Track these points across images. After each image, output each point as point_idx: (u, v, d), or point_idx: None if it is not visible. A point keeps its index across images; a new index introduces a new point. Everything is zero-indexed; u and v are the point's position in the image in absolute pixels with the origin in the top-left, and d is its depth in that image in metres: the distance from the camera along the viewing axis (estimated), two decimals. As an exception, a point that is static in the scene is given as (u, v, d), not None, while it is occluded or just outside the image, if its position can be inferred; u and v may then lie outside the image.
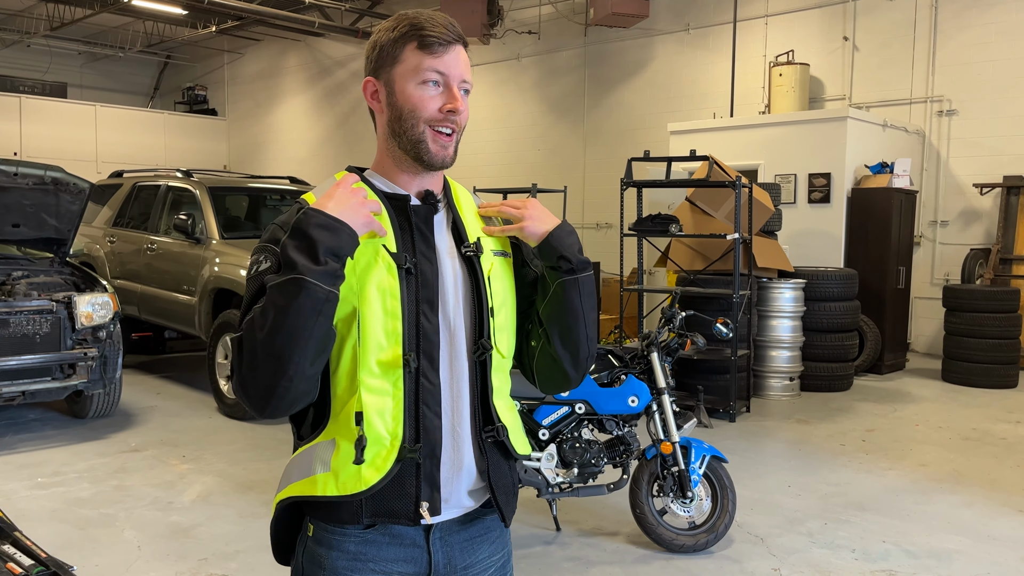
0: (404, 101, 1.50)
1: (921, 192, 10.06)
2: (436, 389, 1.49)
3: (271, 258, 1.44)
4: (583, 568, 3.89)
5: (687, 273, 7.61)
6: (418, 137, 1.49)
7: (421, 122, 1.49)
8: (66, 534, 4.23)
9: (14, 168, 5.95)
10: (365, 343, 1.45)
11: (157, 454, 5.66)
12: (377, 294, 1.45)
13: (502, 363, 1.58)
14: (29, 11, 16.52)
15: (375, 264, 1.46)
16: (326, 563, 1.51)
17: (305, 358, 1.35)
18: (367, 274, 1.45)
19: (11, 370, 5.63)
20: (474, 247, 1.55)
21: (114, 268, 8.31)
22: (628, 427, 4.12)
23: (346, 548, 1.50)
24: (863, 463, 5.62)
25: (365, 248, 1.46)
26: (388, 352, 1.45)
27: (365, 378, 1.45)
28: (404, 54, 1.50)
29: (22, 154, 16.22)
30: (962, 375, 8.27)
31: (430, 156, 1.50)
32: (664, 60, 12.50)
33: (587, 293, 1.57)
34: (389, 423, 1.45)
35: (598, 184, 13.22)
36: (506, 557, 1.66)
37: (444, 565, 1.54)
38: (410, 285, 1.48)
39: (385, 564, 1.51)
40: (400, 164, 1.54)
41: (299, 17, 14.90)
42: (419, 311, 1.48)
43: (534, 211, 1.57)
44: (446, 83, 1.49)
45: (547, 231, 1.55)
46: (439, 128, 1.49)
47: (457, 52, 1.51)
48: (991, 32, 9.70)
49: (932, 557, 4.06)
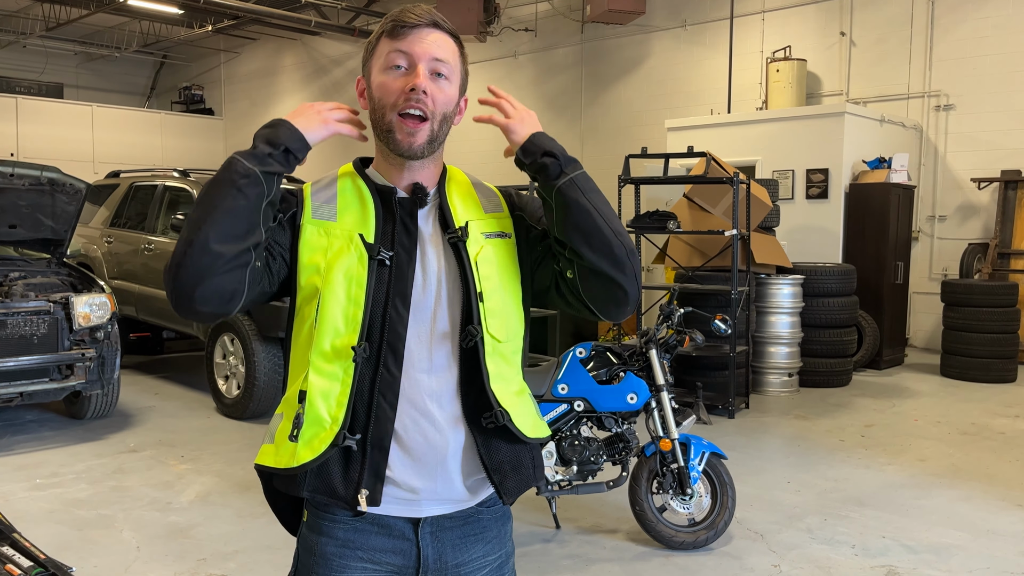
0: (375, 91, 1.51)
1: (919, 187, 10.06)
2: (395, 381, 1.47)
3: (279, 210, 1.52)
4: (583, 566, 3.89)
5: (685, 270, 7.61)
6: (387, 127, 1.49)
7: (388, 110, 1.48)
8: (64, 535, 4.22)
9: (10, 169, 5.93)
10: (322, 325, 1.46)
11: (155, 454, 5.66)
12: (343, 280, 1.46)
13: (498, 347, 1.52)
14: (24, 11, 16.49)
15: (347, 251, 1.47)
16: (316, 549, 1.53)
17: (212, 229, 1.36)
18: (337, 259, 1.47)
19: (8, 371, 5.61)
20: (459, 232, 1.52)
21: (111, 268, 8.29)
22: (627, 424, 4.11)
23: (335, 535, 1.51)
24: (862, 458, 5.62)
25: (340, 234, 1.49)
26: (344, 338, 1.45)
27: (316, 359, 1.46)
28: (378, 46, 1.51)
29: (18, 155, 16.20)
30: (961, 370, 8.28)
31: (396, 144, 1.49)
32: (661, 57, 12.50)
33: (589, 189, 1.51)
34: (332, 406, 1.45)
35: (596, 181, 13.07)
36: (504, 558, 1.62)
37: (434, 560, 1.53)
38: (381, 277, 1.47)
39: (373, 553, 1.51)
40: (387, 157, 1.55)
41: (295, 16, 14.88)
42: (388, 302, 1.47)
43: (524, 114, 1.54)
44: (410, 63, 1.47)
45: (530, 132, 1.52)
46: (405, 112, 1.46)
47: (425, 32, 1.48)
48: (987, 26, 9.70)
49: (931, 552, 4.06)
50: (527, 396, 1.61)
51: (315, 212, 1.52)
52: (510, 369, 1.56)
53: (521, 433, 1.53)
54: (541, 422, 1.63)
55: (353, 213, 1.52)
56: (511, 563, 1.66)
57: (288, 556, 3.96)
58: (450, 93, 1.51)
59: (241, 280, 1.40)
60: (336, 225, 1.50)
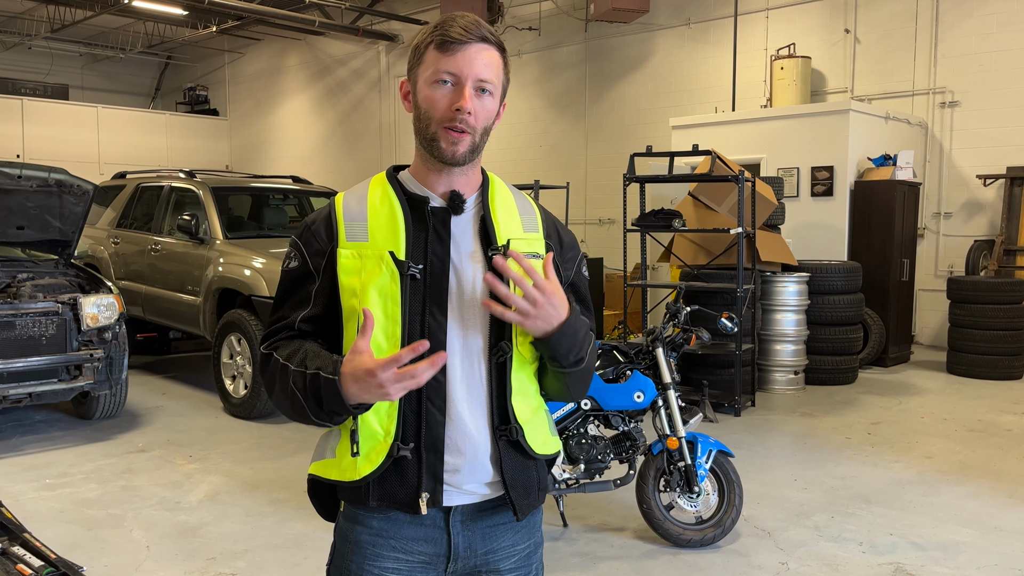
0: (421, 101, 1.55)
1: (924, 184, 10.04)
2: (441, 386, 1.52)
3: (299, 257, 1.61)
4: (590, 563, 3.90)
5: (691, 268, 7.61)
6: (431, 136, 1.54)
7: (434, 122, 1.53)
8: (74, 535, 4.24)
9: (18, 170, 5.96)
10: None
11: (164, 454, 5.68)
12: (378, 299, 1.51)
13: (524, 365, 1.59)
14: (30, 13, 16.53)
15: (379, 271, 1.52)
16: (351, 537, 1.60)
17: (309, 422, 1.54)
18: (371, 279, 1.52)
19: (17, 372, 5.64)
20: (502, 250, 1.55)
21: (118, 269, 8.32)
22: (634, 423, 4.12)
23: (370, 524, 1.59)
24: (869, 456, 5.62)
25: (372, 255, 1.54)
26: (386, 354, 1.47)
27: None
28: (426, 55, 1.55)
29: (25, 156, 16.24)
30: (967, 367, 8.26)
31: (440, 152, 1.53)
32: (665, 55, 12.49)
33: (577, 379, 1.59)
34: (384, 419, 1.52)
35: (600, 179, 13.21)
36: (532, 548, 1.68)
37: (464, 548, 1.59)
38: (415, 289, 1.52)
39: (405, 543, 1.57)
40: (427, 162, 1.59)
41: (299, 16, 14.90)
42: (425, 312, 1.52)
43: (543, 310, 1.45)
44: (457, 82, 1.51)
45: (548, 333, 1.48)
46: (449, 126, 1.51)
47: (474, 51, 1.51)
48: (993, 22, 9.67)
49: (939, 549, 4.06)
50: (543, 413, 1.68)
51: (349, 235, 1.57)
52: (531, 386, 1.63)
53: (531, 449, 1.60)
54: (553, 439, 1.69)
55: (383, 229, 1.55)
56: (539, 553, 1.71)
57: (296, 555, 4.00)
58: (491, 108, 1.56)
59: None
60: (368, 245, 1.55)
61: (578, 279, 1.69)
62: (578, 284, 1.69)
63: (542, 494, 1.68)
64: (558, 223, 1.71)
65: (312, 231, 1.60)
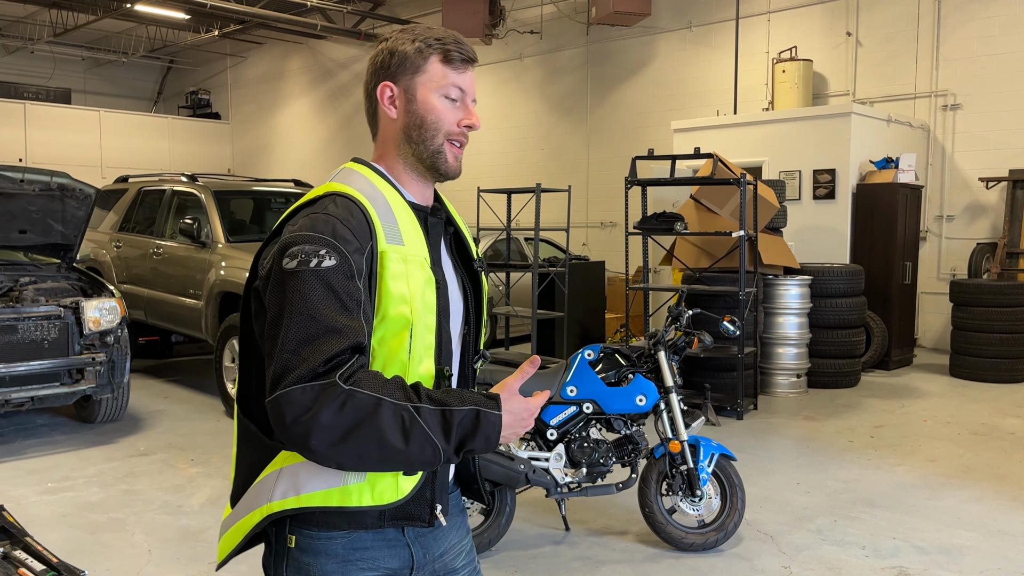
0: (427, 111, 1.53)
1: (926, 187, 10.03)
2: None
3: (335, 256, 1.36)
4: (593, 567, 3.89)
5: (693, 271, 7.61)
6: (437, 148, 1.54)
7: (441, 134, 1.54)
8: (76, 539, 4.24)
9: (20, 174, 5.97)
10: (414, 356, 1.47)
11: (166, 458, 5.68)
12: (423, 309, 1.47)
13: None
14: (32, 17, 16.58)
15: (424, 279, 1.48)
16: (314, 570, 1.49)
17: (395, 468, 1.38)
18: (419, 287, 1.46)
19: (20, 376, 5.64)
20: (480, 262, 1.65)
21: (120, 273, 8.33)
22: (636, 426, 4.11)
23: (334, 552, 1.49)
24: (872, 459, 5.60)
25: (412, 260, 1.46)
26: (424, 365, 1.49)
27: None
28: (428, 65, 1.53)
29: (27, 160, 16.28)
30: (970, 370, 8.25)
31: (447, 167, 1.55)
32: (667, 58, 12.49)
33: None
34: None
35: (602, 183, 13.21)
36: (470, 543, 1.74)
37: (422, 555, 1.59)
38: (441, 298, 1.53)
39: (373, 562, 1.52)
40: (412, 171, 1.56)
41: (301, 20, 14.92)
42: (441, 322, 1.52)
43: None
44: (463, 99, 1.56)
45: None
46: (455, 140, 1.55)
47: (472, 73, 1.59)
48: (995, 25, 9.67)
49: (942, 553, 4.05)
50: None
51: (388, 236, 1.45)
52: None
53: None
54: None
55: (411, 235, 1.49)
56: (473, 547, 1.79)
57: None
58: None
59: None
60: (405, 249, 1.46)
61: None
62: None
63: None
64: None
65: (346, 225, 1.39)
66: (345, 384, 1.29)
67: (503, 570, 3.85)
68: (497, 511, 3.98)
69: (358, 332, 1.34)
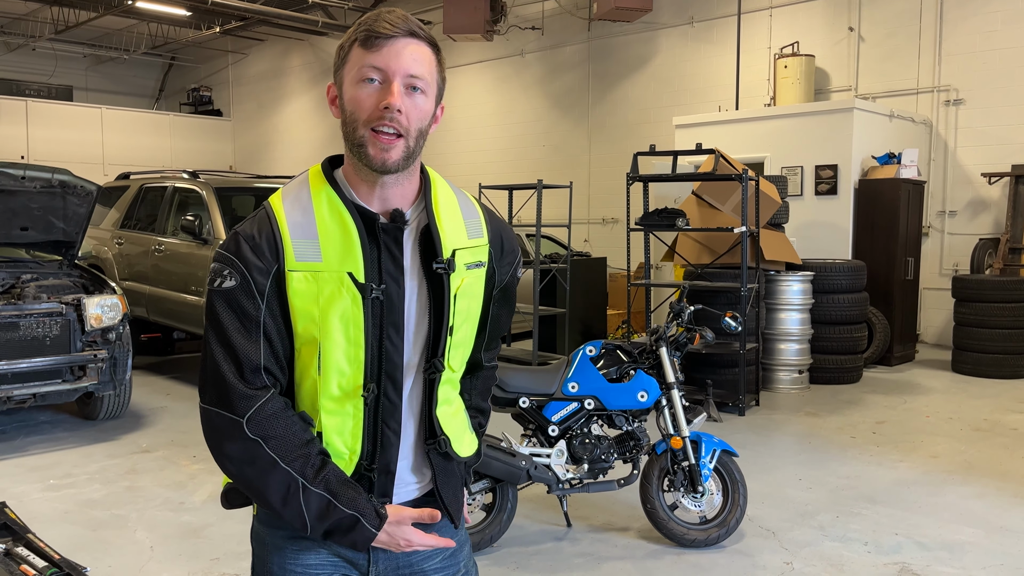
0: (348, 103, 1.41)
1: (929, 182, 10.01)
2: (396, 408, 1.50)
3: (236, 275, 1.39)
4: (594, 564, 3.89)
5: (694, 267, 7.60)
6: (359, 140, 1.40)
7: (360, 124, 1.39)
8: (78, 536, 4.24)
9: (21, 171, 5.97)
10: (326, 372, 1.44)
11: (167, 455, 5.68)
12: (340, 324, 1.41)
13: (451, 376, 1.57)
14: (34, 15, 16.57)
15: (339, 295, 1.41)
16: (268, 540, 1.55)
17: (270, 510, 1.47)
18: (330, 305, 1.41)
19: (22, 373, 5.65)
20: (446, 264, 1.46)
21: (122, 270, 8.33)
22: (638, 422, 4.11)
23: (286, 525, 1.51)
24: (873, 455, 5.60)
25: (329, 278, 1.41)
26: (349, 378, 1.46)
27: (325, 403, 1.47)
28: (351, 54, 1.42)
29: (29, 157, 16.29)
30: (972, 366, 8.24)
31: (369, 159, 1.40)
32: (668, 54, 12.47)
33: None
34: (348, 439, 1.49)
35: (603, 179, 13.20)
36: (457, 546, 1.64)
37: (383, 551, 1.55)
38: (375, 312, 1.43)
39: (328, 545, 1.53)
40: (359, 172, 1.45)
41: (302, 16, 14.91)
42: (383, 336, 1.45)
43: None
44: (385, 78, 1.38)
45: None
46: (379, 128, 1.38)
47: (401, 45, 1.38)
48: (997, 20, 9.65)
49: (944, 549, 4.05)
50: (462, 413, 1.66)
51: (298, 254, 1.40)
52: (453, 392, 1.61)
53: (457, 455, 1.59)
54: (471, 436, 1.67)
55: (336, 247, 1.41)
56: (467, 550, 1.68)
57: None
58: (426, 108, 1.43)
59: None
60: (322, 266, 1.41)
61: (511, 281, 1.65)
62: (509, 286, 1.65)
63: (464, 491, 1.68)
64: (502, 226, 1.62)
65: (252, 246, 1.40)
66: (250, 431, 1.40)
67: (505, 566, 3.85)
68: (499, 507, 3.98)
69: (253, 354, 1.40)
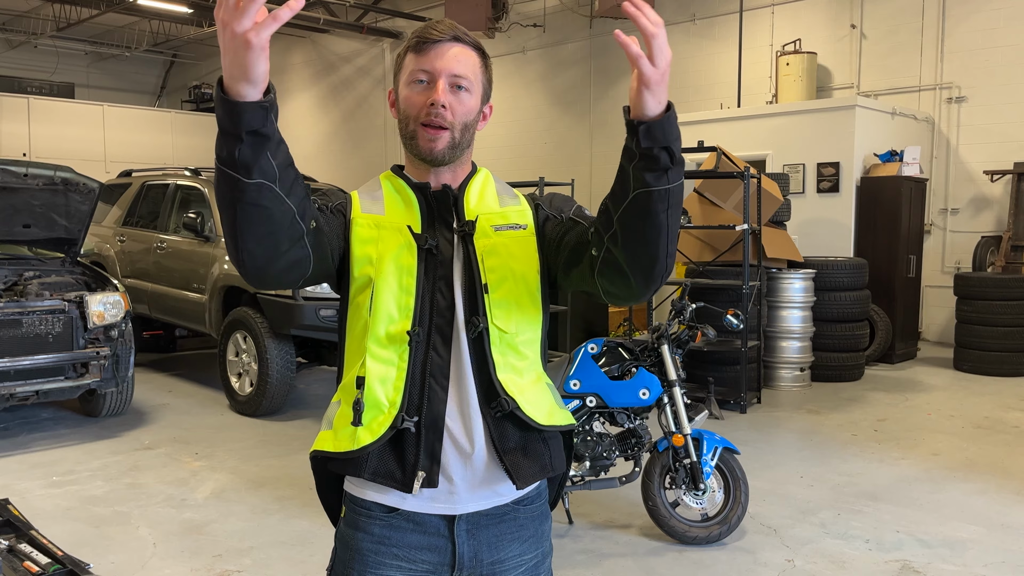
0: (402, 102, 1.58)
1: (931, 180, 10.00)
2: (445, 363, 1.52)
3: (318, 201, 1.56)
4: (596, 560, 3.90)
5: (696, 264, 7.59)
6: (411, 134, 1.56)
7: (412, 121, 1.55)
8: (81, 532, 4.25)
9: (24, 169, 5.97)
10: (376, 313, 1.51)
11: (170, 452, 5.69)
12: (395, 269, 1.52)
13: (505, 337, 1.54)
14: (35, 12, 16.57)
15: (397, 242, 1.54)
16: (353, 544, 1.57)
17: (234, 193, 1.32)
18: (388, 250, 1.53)
19: (24, 370, 5.66)
20: (467, 227, 1.57)
21: (124, 267, 8.34)
22: (639, 420, 4.11)
23: (372, 531, 1.55)
24: (875, 453, 5.60)
25: (390, 226, 1.56)
26: (398, 324, 1.51)
27: (372, 346, 1.52)
28: (405, 60, 1.59)
29: (31, 155, 16.28)
30: (974, 363, 8.24)
31: (419, 150, 1.55)
32: (670, 51, 12.45)
33: (676, 203, 1.36)
34: (390, 391, 1.50)
35: (605, 176, 13.19)
36: (540, 557, 1.63)
37: (470, 559, 1.55)
38: (430, 264, 1.54)
39: (408, 551, 1.54)
40: (415, 164, 1.61)
41: (304, 13, 14.89)
42: (435, 288, 1.53)
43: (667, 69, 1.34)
44: (432, 79, 1.54)
45: (665, 102, 1.35)
46: (426, 122, 1.53)
47: (446, 48, 1.54)
48: (1000, 18, 9.63)
49: (946, 546, 4.05)
50: (543, 385, 1.62)
51: (364, 207, 1.59)
52: (521, 360, 1.57)
53: (532, 420, 1.54)
54: (561, 411, 1.63)
55: (399, 208, 1.59)
56: (547, 563, 1.67)
57: (302, 552, 4.00)
58: (470, 104, 1.56)
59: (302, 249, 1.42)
60: (385, 218, 1.57)
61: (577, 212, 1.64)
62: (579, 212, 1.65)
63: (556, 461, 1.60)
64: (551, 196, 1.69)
65: (326, 194, 1.61)
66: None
67: (506, 563, 3.85)
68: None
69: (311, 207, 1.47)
